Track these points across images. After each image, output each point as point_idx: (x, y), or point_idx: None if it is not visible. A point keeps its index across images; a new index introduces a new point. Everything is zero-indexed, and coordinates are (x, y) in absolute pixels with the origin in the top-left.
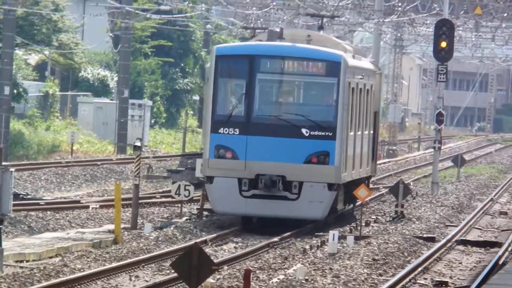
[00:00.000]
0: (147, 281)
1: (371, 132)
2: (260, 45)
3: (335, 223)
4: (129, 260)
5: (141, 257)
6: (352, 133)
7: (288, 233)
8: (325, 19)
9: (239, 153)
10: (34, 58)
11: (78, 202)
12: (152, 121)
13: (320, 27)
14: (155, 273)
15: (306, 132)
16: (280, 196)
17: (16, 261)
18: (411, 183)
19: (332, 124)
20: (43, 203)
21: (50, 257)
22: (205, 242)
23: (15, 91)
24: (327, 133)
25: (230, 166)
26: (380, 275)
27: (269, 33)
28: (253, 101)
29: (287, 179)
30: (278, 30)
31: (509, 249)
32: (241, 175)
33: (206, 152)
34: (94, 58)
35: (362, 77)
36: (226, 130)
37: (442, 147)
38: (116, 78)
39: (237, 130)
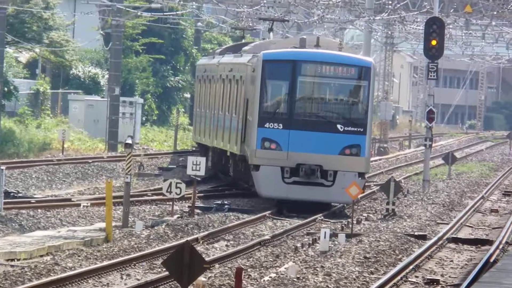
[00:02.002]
0: (138, 280)
1: None
2: (301, 52)
3: (326, 221)
4: (120, 259)
5: (133, 255)
6: None
7: (280, 231)
8: (316, 17)
9: (282, 145)
10: (25, 56)
11: (69, 200)
12: (143, 119)
13: (270, 30)
14: (147, 271)
15: (341, 128)
16: (317, 183)
17: (7, 260)
18: (402, 181)
19: (363, 121)
20: (34, 201)
21: (41, 256)
22: (196, 240)
23: (5, 88)
24: (358, 129)
25: (274, 156)
26: (372, 273)
27: (301, 41)
28: (295, 100)
29: (323, 168)
30: (314, 38)
31: (500, 247)
32: (283, 164)
33: (253, 144)
34: (85, 56)
35: None
36: (271, 125)
37: (433, 145)
38: (107, 76)
39: (280, 125)
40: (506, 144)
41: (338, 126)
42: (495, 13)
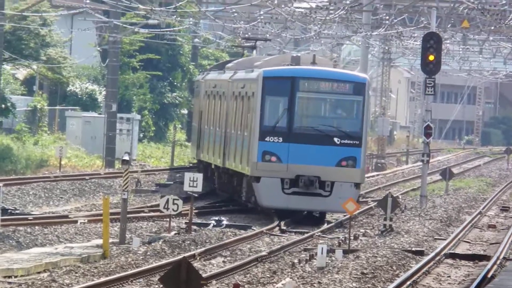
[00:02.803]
0: None
1: None
2: (299, 69)
3: (323, 237)
4: (117, 275)
5: (130, 271)
6: None
7: (278, 247)
8: (313, 33)
9: (282, 157)
10: (22, 73)
11: (67, 216)
12: (141, 135)
13: (253, 47)
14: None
15: (337, 141)
16: (316, 193)
17: (4, 277)
18: (400, 197)
19: (358, 134)
20: (32, 218)
21: (39, 272)
22: (193, 256)
23: (3, 105)
24: (354, 142)
25: (275, 168)
26: None
27: (294, 58)
28: (294, 114)
29: (321, 179)
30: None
31: (498, 262)
32: (283, 176)
33: (253, 157)
34: (82, 72)
35: None
36: (271, 139)
37: (431, 160)
38: (104, 92)
39: (280, 138)
40: (504, 160)
41: (335, 139)
42: (492, 28)
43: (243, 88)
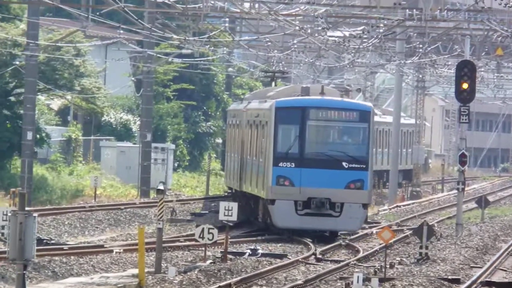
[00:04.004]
0: None
1: None
2: (309, 99)
3: (359, 265)
4: None
5: None
6: None
7: (313, 275)
8: (346, 61)
9: (295, 181)
10: (56, 103)
11: (102, 246)
12: (175, 165)
13: (272, 80)
14: None
15: (346, 165)
16: (327, 214)
17: None
18: (435, 225)
19: (365, 158)
20: (67, 248)
21: None
22: (229, 285)
23: (38, 136)
24: (361, 165)
25: (288, 191)
26: None
27: (304, 89)
28: (305, 141)
29: (331, 200)
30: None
31: None
32: (296, 198)
33: (268, 181)
34: (116, 102)
35: None
36: (284, 164)
37: (466, 188)
38: (138, 122)
39: (293, 163)
40: None
41: (343, 163)
42: None
43: (257, 117)
